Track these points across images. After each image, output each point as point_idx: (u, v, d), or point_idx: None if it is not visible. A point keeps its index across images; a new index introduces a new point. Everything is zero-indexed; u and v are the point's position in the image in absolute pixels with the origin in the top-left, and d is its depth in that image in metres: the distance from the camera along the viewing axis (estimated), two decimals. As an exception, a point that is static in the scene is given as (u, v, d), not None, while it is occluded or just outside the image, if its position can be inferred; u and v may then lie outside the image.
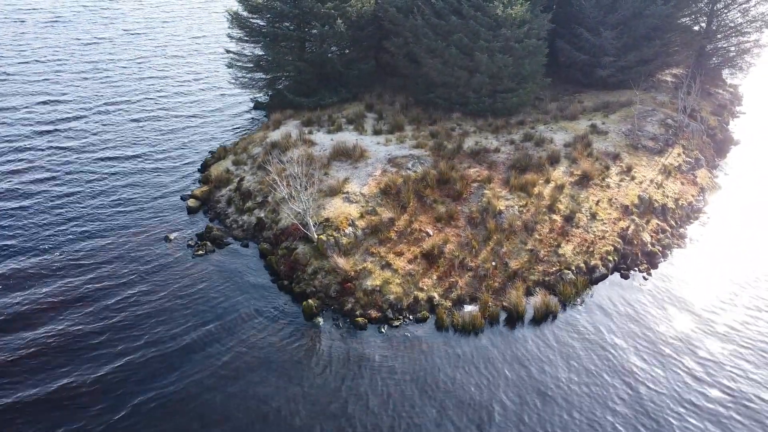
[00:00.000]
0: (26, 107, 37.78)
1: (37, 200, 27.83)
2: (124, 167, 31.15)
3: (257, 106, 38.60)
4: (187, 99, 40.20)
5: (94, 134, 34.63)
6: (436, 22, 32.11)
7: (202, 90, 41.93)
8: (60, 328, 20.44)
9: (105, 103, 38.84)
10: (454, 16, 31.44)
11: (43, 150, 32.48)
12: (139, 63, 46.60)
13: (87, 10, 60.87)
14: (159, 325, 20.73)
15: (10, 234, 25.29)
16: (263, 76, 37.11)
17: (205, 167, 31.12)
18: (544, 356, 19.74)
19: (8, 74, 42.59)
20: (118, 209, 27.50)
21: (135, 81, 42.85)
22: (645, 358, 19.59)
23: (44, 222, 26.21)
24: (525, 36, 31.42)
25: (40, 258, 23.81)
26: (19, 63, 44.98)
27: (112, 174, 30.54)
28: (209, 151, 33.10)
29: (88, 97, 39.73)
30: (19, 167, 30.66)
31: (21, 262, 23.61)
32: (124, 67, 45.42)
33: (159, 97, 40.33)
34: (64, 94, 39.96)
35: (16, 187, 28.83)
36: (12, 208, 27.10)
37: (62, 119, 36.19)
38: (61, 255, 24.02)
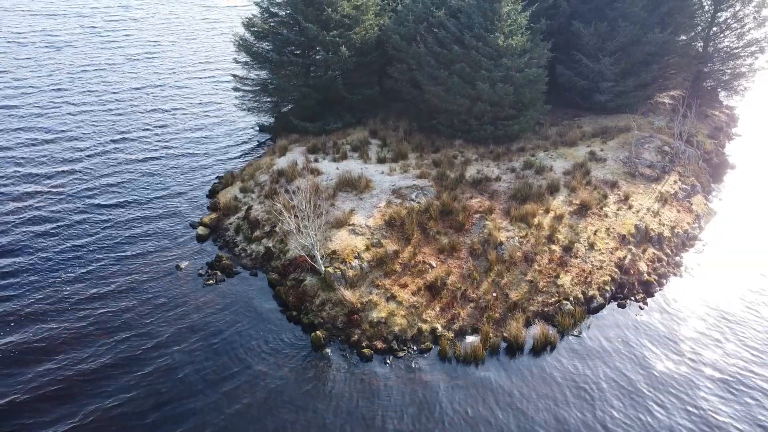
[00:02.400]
0: (40, 134, 38.61)
1: (48, 229, 28.63)
2: (132, 193, 31.98)
3: (262, 128, 39.42)
4: (193, 123, 41.02)
5: (103, 158, 35.49)
6: (438, 50, 32.97)
7: (208, 113, 42.79)
8: (75, 361, 21.21)
9: (112, 128, 39.72)
10: (456, 46, 32.29)
11: (51, 177, 33.31)
12: (145, 87, 47.31)
13: (89, 33, 61.23)
14: (171, 357, 21.52)
15: (23, 265, 26.07)
16: (268, 100, 37.96)
17: (213, 193, 31.93)
18: (534, 395, 20.53)
19: (9, 106, 42.66)
20: (129, 236, 28.33)
21: (141, 105, 43.69)
22: (626, 403, 20.13)
23: (55, 251, 27.02)
24: (525, 65, 32.26)
25: (53, 289, 24.61)
26: (19, 93, 45.05)
27: (122, 200, 31.37)
28: (217, 176, 33.93)
29: (95, 121, 40.62)
30: (29, 192, 31.52)
31: (34, 291, 24.43)
32: (130, 91, 46.12)
33: (165, 122, 41.10)
34: (70, 118, 40.84)
35: (29, 217, 29.62)
36: (25, 239, 27.89)
37: (72, 148, 36.93)
38: (73, 285, 24.82)
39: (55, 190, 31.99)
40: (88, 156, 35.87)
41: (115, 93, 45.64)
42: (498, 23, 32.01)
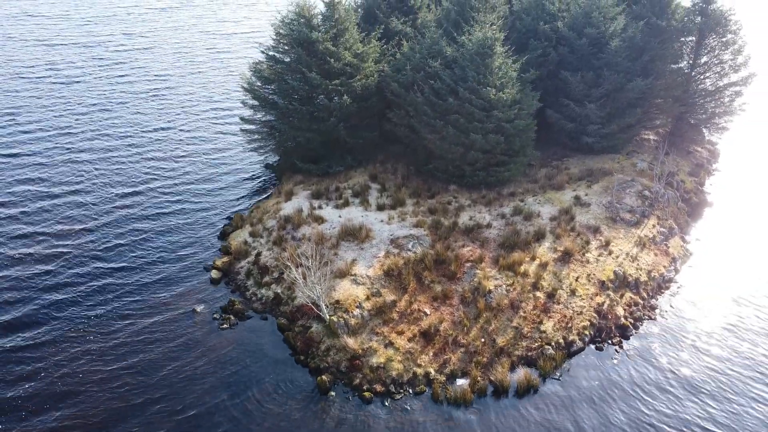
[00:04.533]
0: (59, 178, 41.11)
1: (65, 271, 31.06)
2: (146, 234, 34.40)
3: (268, 167, 41.87)
4: (201, 162, 43.14)
5: (116, 201, 37.77)
6: (434, 101, 35.43)
7: (216, 152, 44.84)
8: (97, 402, 23.73)
9: (124, 166, 42.10)
10: (451, 98, 34.74)
11: (73, 215, 35.80)
12: (152, 125, 48.91)
13: (94, 66, 61.98)
14: (190, 399, 24.03)
15: (42, 308, 28.53)
16: (274, 141, 40.34)
17: (223, 235, 34.41)
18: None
19: (11, 155, 43.58)
20: (146, 278, 30.82)
21: (149, 144, 45.59)
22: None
23: (74, 292, 29.53)
24: (515, 116, 34.72)
25: (74, 330, 27.14)
26: (22, 136, 46.23)
27: (135, 240, 33.83)
28: (227, 217, 36.40)
29: (107, 159, 42.97)
30: (42, 235, 33.91)
31: (53, 333, 26.98)
32: (138, 130, 47.94)
33: (174, 162, 43.09)
34: (74, 167, 42.30)
35: (43, 259, 32.02)
36: (38, 282, 30.28)
37: (85, 190, 39.22)
38: (93, 328, 27.36)
39: (68, 235, 34.29)
40: (104, 198, 38.26)
41: (122, 133, 47.42)
42: (490, 77, 34.45)
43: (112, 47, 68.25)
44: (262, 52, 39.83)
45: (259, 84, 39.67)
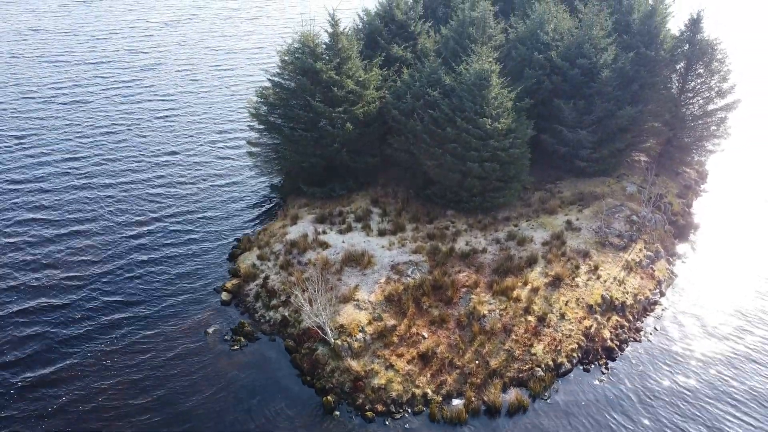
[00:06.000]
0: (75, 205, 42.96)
1: (75, 294, 32.83)
2: (156, 256, 36.23)
3: (273, 188, 43.74)
4: (207, 186, 44.74)
5: (124, 220, 39.67)
6: (434, 129, 37.29)
7: (221, 174, 46.49)
8: (115, 418, 25.53)
9: (131, 189, 43.81)
10: (449, 127, 36.60)
11: (87, 237, 37.63)
12: (159, 147, 50.41)
13: (100, 85, 63.05)
14: (207, 419, 25.86)
15: (56, 329, 30.37)
16: (279, 164, 42.15)
17: (232, 257, 36.26)
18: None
19: (13, 180, 44.73)
20: (159, 300, 32.68)
21: (156, 167, 47.30)
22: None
23: (89, 316, 31.36)
24: (510, 145, 36.59)
25: (91, 351, 28.98)
26: (27, 160, 47.44)
27: (146, 260, 35.70)
28: (235, 238, 38.26)
29: (114, 186, 44.62)
30: (50, 267, 35.38)
31: (70, 357, 28.80)
32: (145, 151, 49.61)
33: (181, 184, 44.87)
34: (81, 194, 43.58)
35: (55, 282, 33.80)
36: (51, 306, 32.04)
37: (92, 219, 40.69)
38: (113, 351, 29.16)
39: (77, 264, 36.03)
40: (116, 223, 40.12)
41: (129, 156, 49.11)
42: (486, 107, 36.31)
43: (117, 66, 69.22)
44: (269, 79, 41.65)
45: (264, 109, 41.48)
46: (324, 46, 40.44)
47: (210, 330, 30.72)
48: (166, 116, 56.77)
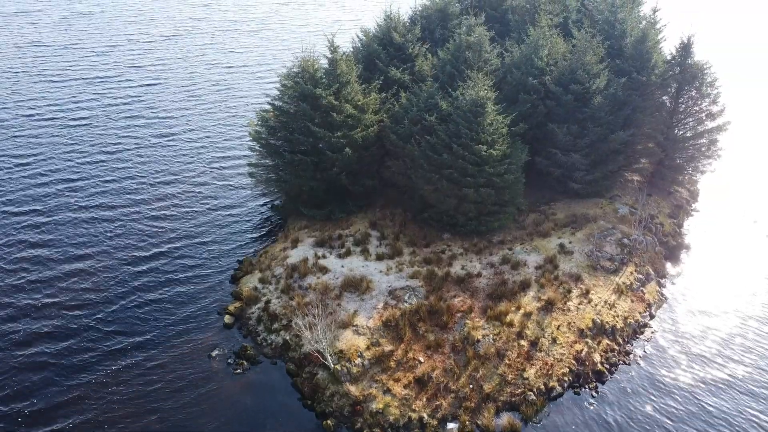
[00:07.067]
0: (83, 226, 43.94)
1: (78, 320, 33.58)
2: (160, 277, 37.16)
3: (274, 209, 44.80)
4: (209, 207, 45.50)
5: (125, 244, 40.45)
6: (430, 155, 38.37)
7: (222, 196, 47.14)
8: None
9: (132, 211, 44.49)
10: (446, 153, 37.68)
11: (92, 258, 38.63)
12: (161, 166, 50.99)
13: (102, 105, 62.70)
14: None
15: (59, 351, 31.25)
16: (280, 186, 43.15)
17: (234, 279, 37.30)
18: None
19: (10, 201, 44.56)
20: (164, 322, 33.66)
21: (158, 186, 48.06)
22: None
23: (92, 339, 32.24)
24: (505, 170, 37.68)
25: (94, 379, 29.88)
26: (26, 183, 47.27)
27: (148, 283, 36.59)
28: (237, 260, 39.31)
29: (115, 206, 45.16)
30: (58, 284, 36.30)
31: (76, 377, 29.76)
32: (145, 168, 50.47)
33: (182, 205, 45.57)
34: (80, 225, 43.34)
35: (59, 301, 34.71)
36: (56, 326, 32.95)
37: (97, 237, 41.50)
38: (118, 374, 30.12)
39: (81, 285, 36.70)
40: (122, 247, 41.15)
41: (128, 175, 50.00)
42: (481, 134, 37.38)
43: (117, 82, 68.84)
44: (269, 103, 42.71)
45: (265, 134, 42.50)
46: (323, 71, 41.46)
47: (213, 354, 31.73)
48: (166, 135, 56.77)
